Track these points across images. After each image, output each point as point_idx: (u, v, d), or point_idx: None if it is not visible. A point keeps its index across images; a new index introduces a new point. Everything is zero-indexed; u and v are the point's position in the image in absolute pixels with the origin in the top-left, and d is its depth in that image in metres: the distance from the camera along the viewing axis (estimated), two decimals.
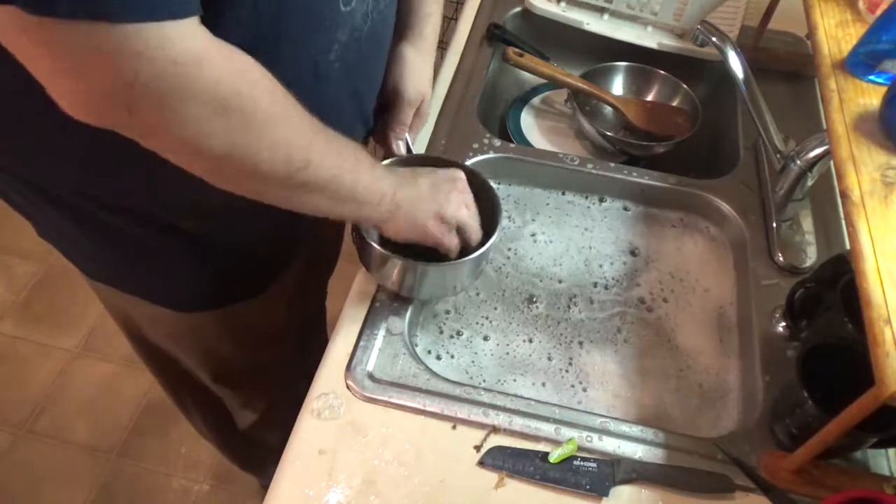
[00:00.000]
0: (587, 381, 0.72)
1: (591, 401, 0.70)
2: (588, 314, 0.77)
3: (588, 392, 0.71)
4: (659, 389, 0.72)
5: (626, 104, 0.98)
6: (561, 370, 0.72)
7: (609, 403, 0.70)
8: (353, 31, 0.58)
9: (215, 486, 1.47)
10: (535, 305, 0.77)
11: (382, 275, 0.68)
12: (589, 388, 0.71)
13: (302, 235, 0.76)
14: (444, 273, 0.68)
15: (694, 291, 0.79)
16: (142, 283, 0.71)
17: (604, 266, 0.81)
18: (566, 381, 0.71)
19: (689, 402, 0.71)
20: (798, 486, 0.59)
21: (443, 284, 0.70)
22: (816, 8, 0.72)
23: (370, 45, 0.62)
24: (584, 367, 0.73)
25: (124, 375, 1.61)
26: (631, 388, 0.71)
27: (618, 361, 0.73)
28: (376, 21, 0.61)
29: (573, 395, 0.71)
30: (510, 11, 1.05)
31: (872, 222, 0.54)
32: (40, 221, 0.68)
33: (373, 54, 0.65)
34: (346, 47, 0.58)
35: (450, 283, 0.70)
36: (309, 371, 0.66)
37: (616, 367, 0.73)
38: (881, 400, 0.46)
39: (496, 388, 0.70)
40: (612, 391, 0.71)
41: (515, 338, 0.75)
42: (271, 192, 0.53)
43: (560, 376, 0.72)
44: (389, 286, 0.70)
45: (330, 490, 0.58)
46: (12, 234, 1.83)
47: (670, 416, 0.70)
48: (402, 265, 0.65)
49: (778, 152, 0.79)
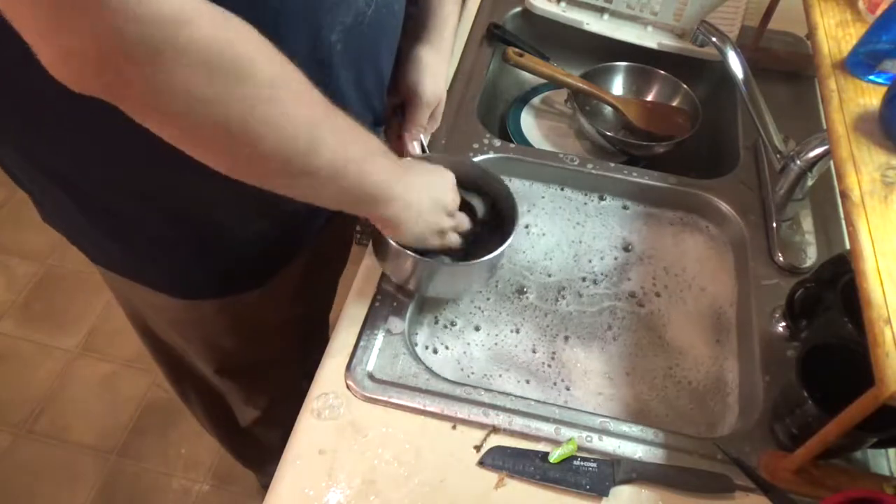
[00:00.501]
0: (569, 378, 0.72)
1: (574, 399, 0.71)
2: (577, 307, 0.77)
3: (571, 390, 0.71)
4: (643, 388, 0.72)
5: (626, 104, 0.98)
6: (543, 364, 0.73)
7: (592, 402, 0.70)
8: (358, 15, 0.58)
9: (215, 486, 1.47)
10: (525, 296, 0.78)
11: (394, 268, 0.68)
12: (572, 387, 0.71)
13: (307, 231, 0.77)
14: (455, 273, 0.68)
15: (690, 288, 0.79)
16: (144, 271, 0.71)
17: (593, 261, 0.81)
18: (549, 377, 0.72)
19: (679, 402, 0.71)
20: (798, 486, 0.59)
21: (452, 285, 0.70)
22: (816, 8, 0.72)
23: (374, 33, 0.62)
24: (567, 362, 0.73)
25: (124, 375, 1.61)
26: (617, 387, 0.72)
27: (604, 360, 0.73)
28: (381, 6, 0.61)
29: (558, 393, 0.71)
30: (510, 11, 1.05)
31: (872, 222, 0.54)
32: (45, 204, 0.68)
33: (378, 43, 0.64)
34: (350, 31, 0.58)
35: (460, 284, 0.71)
36: (310, 370, 0.67)
37: (600, 365, 0.73)
38: (881, 400, 0.46)
39: (484, 382, 0.71)
40: (595, 389, 0.71)
41: (504, 328, 0.75)
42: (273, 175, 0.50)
43: (542, 371, 0.72)
44: (398, 280, 0.70)
45: (330, 490, 0.58)
46: (12, 234, 1.83)
47: (666, 413, 0.70)
48: (414, 261, 0.65)
49: (778, 152, 0.79)
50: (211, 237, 0.67)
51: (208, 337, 0.83)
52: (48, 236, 1.85)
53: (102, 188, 0.61)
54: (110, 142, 0.55)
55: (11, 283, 1.76)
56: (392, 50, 0.68)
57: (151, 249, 0.68)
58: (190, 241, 0.67)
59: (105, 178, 0.60)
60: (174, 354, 0.90)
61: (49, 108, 0.53)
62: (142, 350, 0.95)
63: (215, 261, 0.70)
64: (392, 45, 0.68)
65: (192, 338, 0.84)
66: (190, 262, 0.69)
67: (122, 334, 1.66)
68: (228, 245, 0.69)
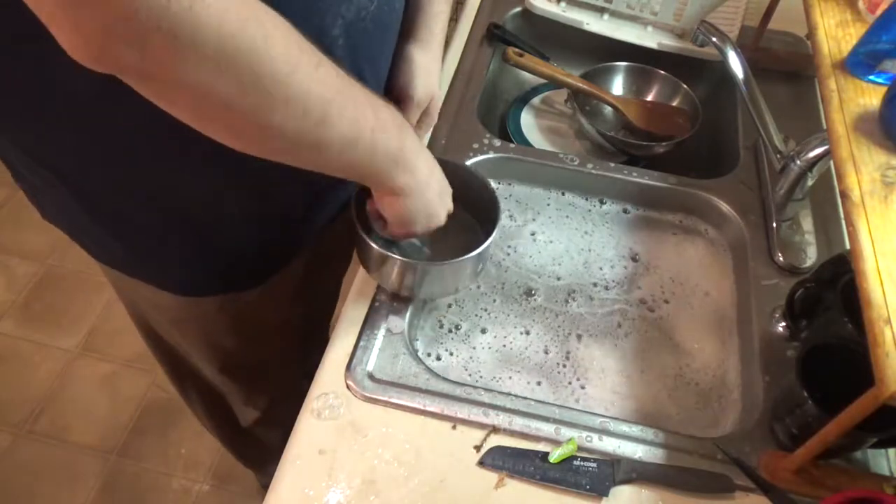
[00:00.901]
0: (585, 376, 0.72)
1: (589, 398, 0.70)
2: (587, 309, 0.77)
3: (586, 389, 0.71)
4: (658, 387, 0.72)
5: (626, 104, 0.98)
6: (558, 364, 0.72)
7: (608, 400, 0.70)
8: (360, 10, 0.57)
9: (215, 486, 1.47)
10: (534, 298, 0.78)
11: (382, 274, 0.68)
12: (587, 385, 0.71)
13: (307, 231, 0.77)
14: (443, 272, 0.68)
15: (694, 294, 0.79)
16: (146, 267, 0.71)
17: (604, 269, 0.81)
18: (564, 378, 0.72)
19: (688, 401, 0.71)
20: (798, 486, 0.59)
21: (443, 283, 0.70)
22: (816, 8, 0.72)
23: (376, 29, 0.62)
24: (582, 361, 0.73)
25: (124, 375, 1.61)
26: (630, 385, 0.71)
27: (617, 357, 0.73)
28: (383, 2, 0.60)
29: (570, 392, 0.71)
30: (510, 11, 1.05)
31: (872, 222, 0.54)
32: (46, 202, 0.68)
33: (378, 40, 0.64)
34: (352, 25, 0.57)
35: (450, 282, 0.70)
36: (310, 370, 0.67)
37: (615, 363, 0.73)
38: (881, 400, 0.46)
39: (493, 385, 0.70)
40: (611, 388, 0.71)
41: (513, 329, 0.75)
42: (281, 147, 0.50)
43: (557, 371, 0.72)
44: (389, 286, 0.70)
45: (330, 490, 0.58)
46: (12, 234, 1.83)
47: (668, 414, 0.70)
48: (401, 264, 0.65)
49: (778, 152, 0.79)
50: (211, 235, 0.67)
51: (209, 336, 0.83)
52: (48, 236, 1.87)
53: (104, 187, 0.61)
54: (111, 141, 0.56)
55: (11, 283, 1.76)
56: (391, 47, 0.68)
57: (152, 246, 0.68)
58: (191, 238, 0.67)
59: (106, 177, 0.60)
60: (176, 354, 0.90)
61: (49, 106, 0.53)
62: (142, 350, 0.95)
63: (216, 258, 0.70)
64: (391, 42, 0.68)
65: (194, 336, 0.84)
66: (190, 260, 0.70)
67: (123, 334, 1.66)
68: (229, 243, 0.69)
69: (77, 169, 0.59)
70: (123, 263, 0.72)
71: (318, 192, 0.71)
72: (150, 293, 0.74)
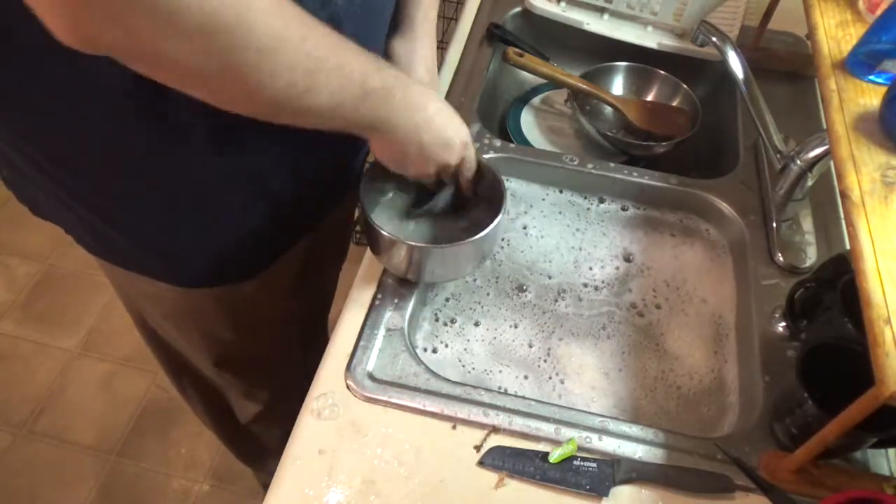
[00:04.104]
0: (564, 372, 0.72)
1: (569, 393, 0.71)
2: (574, 310, 0.77)
3: (566, 384, 0.72)
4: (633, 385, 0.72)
5: (626, 104, 0.98)
6: (539, 359, 0.73)
7: (587, 396, 0.71)
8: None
9: (215, 486, 1.47)
10: (525, 294, 0.78)
11: (389, 258, 0.69)
12: (566, 381, 0.72)
13: (304, 219, 0.77)
14: (448, 254, 0.68)
15: (691, 300, 0.79)
16: (141, 258, 0.71)
17: (594, 269, 0.81)
18: (544, 372, 0.72)
19: (668, 403, 0.71)
20: (798, 486, 0.59)
21: (448, 265, 0.71)
22: (816, 8, 0.72)
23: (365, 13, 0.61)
24: (562, 357, 0.73)
25: (124, 375, 1.61)
26: (611, 381, 0.72)
27: (596, 355, 0.74)
28: None
29: (552, 388, 0.71)
30: (510, 11, 1.05)
31: (872, 222, 0.54)
32: (38, 199, 0.68)
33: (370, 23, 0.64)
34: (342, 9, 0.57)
35: (455, 265, 0.71)
36: (310, 369, 0.67)
37: (594, 360, 0.73)
38: (881, 400, 0.46)
39: (485, 378, 0.71)
40: (589, 383, 0.72)
41: (503, 322, 0.76)
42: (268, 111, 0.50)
43: (538, 365, 0.73)
44: (396, 270, 0.70)
45: (330, 490, 0.58)
46: (12, 234, 1.83)
47: (648, 412, 0.70)
48: (408, 248, 0.66)
49: (778, 152, 0.79)
50: (207, 224, 0.67)
51: (205, 328, 0.83)
52: (48, 236, 1.87)
53: (99, 176, 0.61)
54: (105, 131, 0.56)
55: (11, 283, 1.76)
56: (383, 31, 0.68)
57: (147, 236, 0.68)
58: (185, 227, 0.67)
59: (101, 166, 0.60)
60: (173, 348, 0.90)
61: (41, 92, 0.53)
62: (141, 350, 0.95)
63: (211, 248, 0.70)
64: (383, 27, 0.67)
65: (190, 329, 0.84)
66: (185, 249, 0.69)
67: (122, 334, 1.66)
68: (225, 234, 0.69)
69: (71, 158, 0.59)
70: (118, 255, 0.72)
71: (315, 182, 0.72)
72: (145, 285, 0.74)
